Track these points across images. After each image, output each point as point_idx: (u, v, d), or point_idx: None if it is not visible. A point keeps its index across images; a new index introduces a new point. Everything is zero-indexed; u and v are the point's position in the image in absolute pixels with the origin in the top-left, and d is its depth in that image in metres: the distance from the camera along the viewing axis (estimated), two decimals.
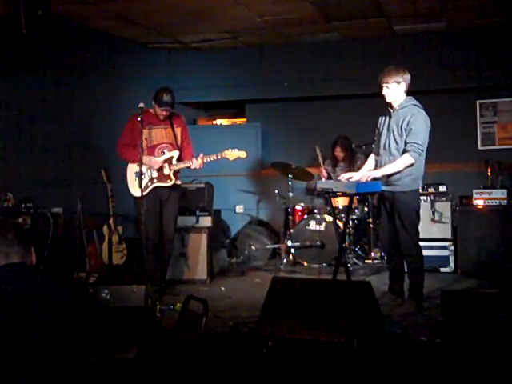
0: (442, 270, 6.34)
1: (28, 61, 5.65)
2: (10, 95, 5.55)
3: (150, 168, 5.37)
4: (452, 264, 6.34)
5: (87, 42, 6.65)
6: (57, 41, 6.02)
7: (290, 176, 6.89)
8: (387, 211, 4.97)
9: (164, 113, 5.40)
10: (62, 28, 6.17)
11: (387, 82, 4.79)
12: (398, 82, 4.78)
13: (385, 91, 4.82)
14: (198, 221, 6.31)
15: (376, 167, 5.01)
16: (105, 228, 5.91)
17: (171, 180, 5.45)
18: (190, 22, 6.67)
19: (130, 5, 5.94)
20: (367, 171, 4.98)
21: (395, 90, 4.80)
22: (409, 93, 4.89)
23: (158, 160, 5.37)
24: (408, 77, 4.82)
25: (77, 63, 6.41)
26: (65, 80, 6.22)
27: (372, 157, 5.15)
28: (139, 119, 5.01)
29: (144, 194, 5.08)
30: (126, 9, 6.09)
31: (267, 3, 6.07)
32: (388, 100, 4.85)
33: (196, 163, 5.34)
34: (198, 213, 6.33)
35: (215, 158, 5.39)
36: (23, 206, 5.01)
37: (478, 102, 7.58)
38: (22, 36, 5.23)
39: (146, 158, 5.28)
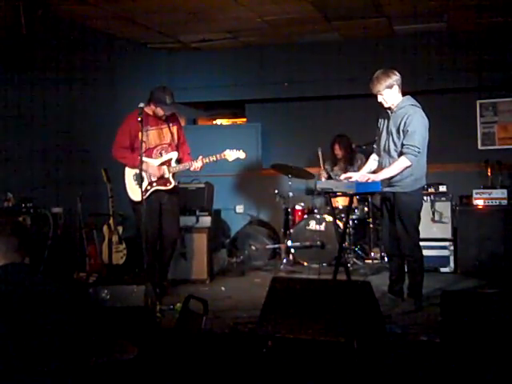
0: (442, 269, 6.34)
1: (28, 61, 5.66)
2: (10, 95, 5.54)
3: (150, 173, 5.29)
4: (452, 264, 6.34)
5: (87, 42, 6.64)
6: (57, 41, 6.03)
7: (290, 176, 6.88)
8: (388, 212, 4.96)
9: (167, 113, 5.29)
10: (62, 28, 6.18)
11: (379, 91, 4.69)
12: (390, 87, 4.68)
13: (380, 99, 4.74)
14: (198, 221, 6.30)
15: (378, 168, 5.00)
16: (105, 228, 5.90)
17: (171, 183, 5.35)
18: (190, 21, 6.67)
19: (130, 5, 5.93)
20: (367, 172, 4.97)
21: (389, 94, 4.71)
22: (409, 93, 4.87)
23: (156, 164, 5.26)
24: (397, 77, 4.72)
25: (77, 63, 6.41)
26: (65, 80, 6.22)
27: (373, 157, 5.11)
28: (139, 119, 4.90)
29: (144, 197, 4.99)
30: (126, 9, 6.09)
31: (267, 3, 6.07)
32: (386, 106, 4.77)
33: (196, 165, 5.27)
34: (198, 213, 6.32)
35: (215, 159, 5.30)
36: (23, 205, 5.02)
37: (478, 102, 7.57)
38: (22, 36, 5.24)
39: (146, 166, 5.15)
